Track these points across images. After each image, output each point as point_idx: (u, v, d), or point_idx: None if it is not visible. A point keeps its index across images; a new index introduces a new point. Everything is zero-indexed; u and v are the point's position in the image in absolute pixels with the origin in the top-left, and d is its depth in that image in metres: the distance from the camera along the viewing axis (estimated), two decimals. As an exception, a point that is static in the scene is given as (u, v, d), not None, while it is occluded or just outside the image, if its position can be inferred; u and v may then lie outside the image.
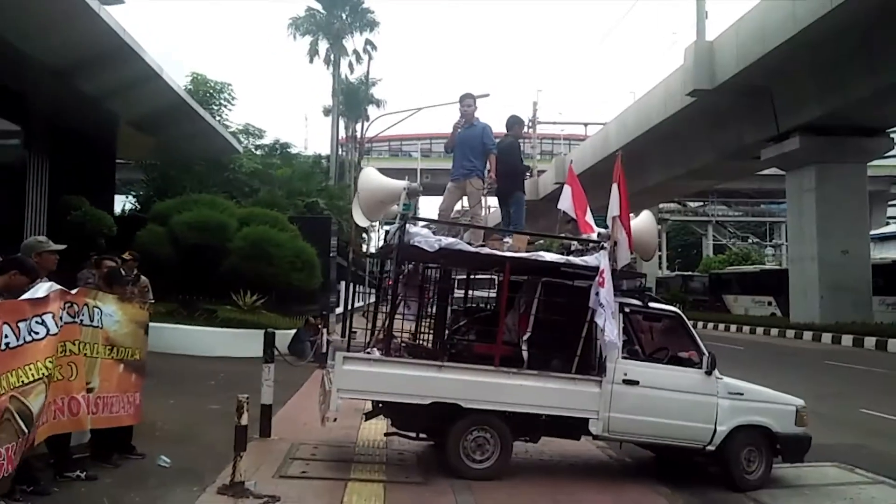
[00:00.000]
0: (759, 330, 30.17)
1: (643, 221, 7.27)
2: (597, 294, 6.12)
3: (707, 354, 6.55)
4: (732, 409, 6.46)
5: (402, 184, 6.25)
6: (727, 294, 41.23)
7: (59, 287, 4.65)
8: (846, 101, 22.26)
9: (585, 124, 59.24)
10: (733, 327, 32.04)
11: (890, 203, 57.80)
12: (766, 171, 40.58)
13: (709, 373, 6.49)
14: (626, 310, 6.61)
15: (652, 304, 6.76)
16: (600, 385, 6.17)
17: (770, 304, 35.61)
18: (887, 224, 50.56)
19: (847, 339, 23.60)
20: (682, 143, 31.26)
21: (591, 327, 6.25)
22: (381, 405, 6.27)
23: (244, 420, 5.18)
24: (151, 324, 11.89)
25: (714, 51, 24.99)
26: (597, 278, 6.16)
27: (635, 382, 6.29)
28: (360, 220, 6.80)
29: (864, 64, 20.69)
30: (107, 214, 13.58)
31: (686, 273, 53.04)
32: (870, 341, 22.74)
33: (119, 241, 12.62)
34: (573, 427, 6.33)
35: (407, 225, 5.95)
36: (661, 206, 51.88)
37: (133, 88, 13.92)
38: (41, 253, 5.29)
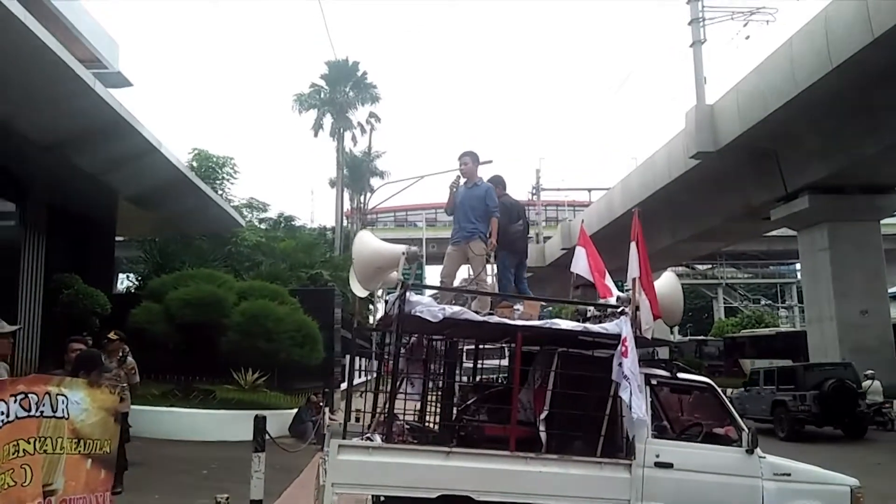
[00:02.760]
0: (780, 395, 29.04)
1: (667, 283, 6.70)
2: (619, 365, 5.52)
3: (747, 430, 5.88)
4: (780, 492, 5.73)
5: (399, 248, 5.74)
6: (743, 358, 40.09)
7: (5, 375, 4.09)
8: (851, 160, 22.00)
9: (589, 190, 59.48)
10: (753, 393, 30.84)
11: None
12: (773, 233, 40.25)
13: (750, 451, 5.80)
14: (653, 382, 5.99)
15: (681, 375, 6.13)
16: (630, 469, 5.47)
17: (789, 367, 34.49)
18: (901, 283, 49.63)
19: (875, 403, 22.50)
20: (689, 205, 30.97)
21: (615, 403, 5.61)
22: (382, 500, 5.57)
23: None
24: (143, 407, 11.46)
25: (715, 114, 24.96)
26: (619, 347, 5.57)
27: (669, 465, 5.60)
28: (357, 289, 6.27)
29: (867, 123, 20.51)
30: (100, 293, 13.13)
31: (699, 338, 51.85)
32: (899, 404, 21.67)
33: (115, 321, 12.14)
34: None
35: (407, 293, 5.42)
36: (669, 269, 51.33)
37: (131, 164, 13.77)
38: None
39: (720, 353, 43.41)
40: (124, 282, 27.37)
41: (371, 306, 26.91)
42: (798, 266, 60.55)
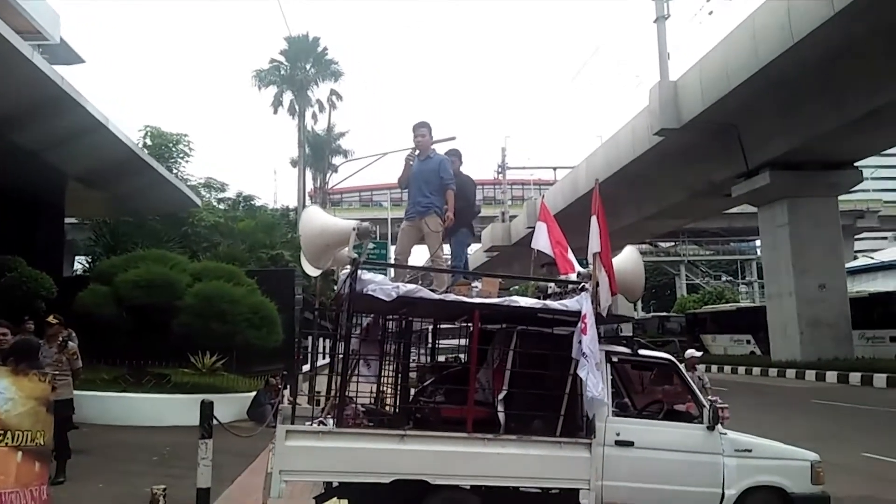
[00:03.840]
0: (741, 369, 29.60)
1: (628, 258, 6.53)
2: (579, 342, 5.35)
3: (707, 406, 5.78)
4: (741, 468, 5.66)
5: (350, 223, 5.43)
6: (705, 334, 40.80)
7: None
8: (812, 135, 22.24)
9: (554, 168, 59.40)
10: (714, 367, 31.37)
11: (857, 237, 58.42)
12: (734, 210, 40.80)
13: (711, 428, 5.71)
14: (614, 359, 5.84)
15: (642, 352, 5.99)
16: (590, 449, 5.31)
17: (749, 342, 35.20)
18: (855, 258, 50.88)
19: (831, 376, 23.04)
20: (652, 182, 31.13)
21: (575, 381, 5.44)
22: (335, 486, 5.33)
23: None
24: (93, 393, 11.00)
25: (678, 90, 24.99)
26: (579, 324, 5.39)
27: (629, 443, 5.48)
28: (308, 268, 5.96)
29: (828, 99, 20.72)
30: (45, 276, 12.55)
31: (662, 314, 52.61)
32: (854, 377, 22.22)
33: (63, 304, 11.62)
34: (561, 500, 5.45)
35: (358, 271, 5.15)
36: (630, 246, 51.73)
37: (77, 141, 13.15)
38: None
39: (682, 328, 44.08)
40: (74, 265, 26.55)
41: (334, 286, 26.53)
42: (757, 243, 61.81)
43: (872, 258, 49.44)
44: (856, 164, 26.09)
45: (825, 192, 25.69)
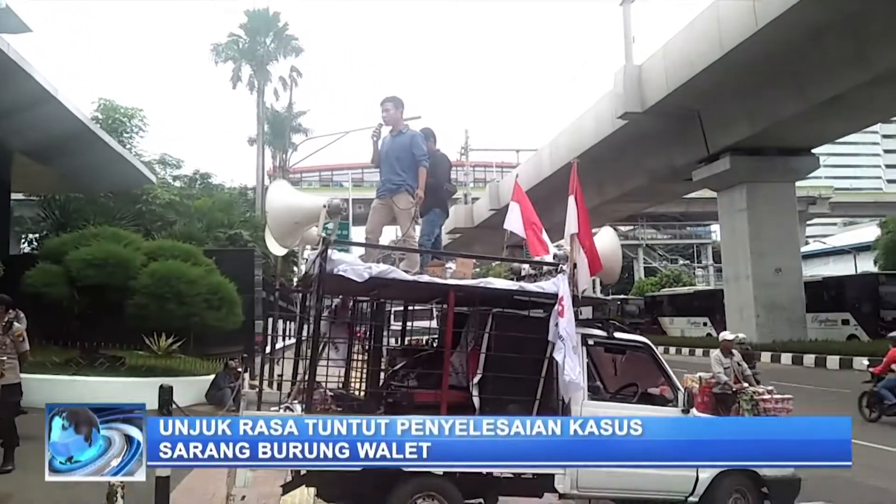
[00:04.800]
0: (699, 351, 30.12)
1: (606, 239, 6.42)
2: (556, 325, 5.21)
3: (682, 390, 5.73)
4: (714, 452, 5.62)
5: (321, 200, 5.15)
6: (662, 316, 41.51)
7: None
8: (773, 121, 22.58)
9: (517, 151, 59.46)
10: (672, 349, 31.92)
11: (809, 223, 60.05)
12: (692, 195, 41.39)
13: (686, 411, 5.66)
14: (589, 342, 5.73)
15: (618, 335, 5.89)
16: (566, 433, 5.19)
17: (705, 324, 35.89)
18: (807, 243, 52.31)
19: (786, 358, 23.61)
20: (615, 166, 31.28)
21: (551, 365, 5.31)
22: (302, 473, 5.12)
23: (119, 510, 3.96)
24: (43, 376, 10.51)
25: (643, 74, 25.06)
26: (556, 307, 5.25)
27: (606, 428, 5.37)
28: (274, 247, 5.69)
29: (791, 84, 21.01)
30: (-10, 253, 11.94)
31: (621, 296, 53.39)
32: (808, 359, 22.84)
33: (10, 284, 11.05)
34: (536, 485, 5.34)
35: (329, 251, 4.90)
36: (593, 230, 52.23)
37: (23, 112, 12.49)
38: None
39: (640, 311, 44.79)
40: (29, 243, 25.52)
41: (295, 267, 26.09)
42: (714, 227, 63.09)
43: (824, 243, 50.91)
44: (813, 150, 26.63)
45: (783, 177, 26.17)
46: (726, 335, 10.15)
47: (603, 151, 29.68)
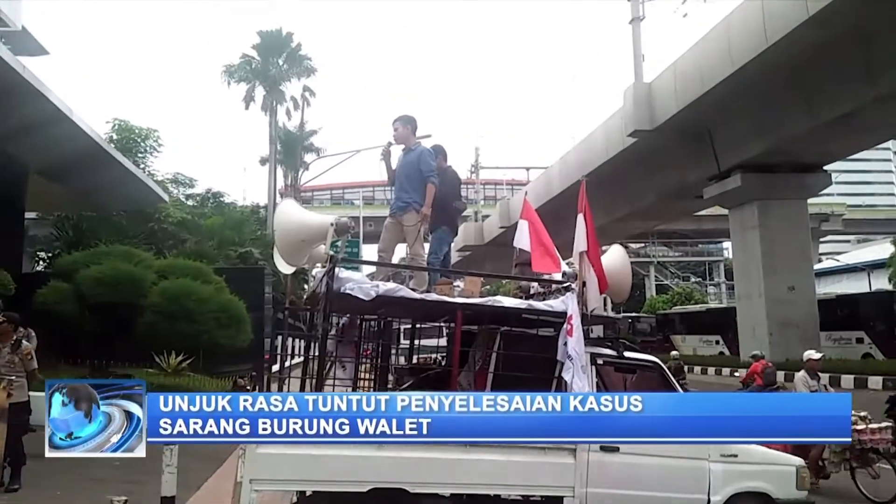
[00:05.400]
0: (711, 370, 29.85)
1: (616, 257, 6.38)
2: (564, 344, 5.17)
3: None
4: (726, 474, 5.53)
5: (328, 218, 5.17)
6: (674, 334, 41.14)
7: None
8: (784, 138, 22.44)
9: (527, 168, 59.42)
10: (685, 367, 31.56)
11: (822, 240, 59.59)
12: (703, 212, 41.20)
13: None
14: (599, 362, 5.67)
15: (628, 354, 5.83)
16: (574, 454, 5.14)
17: (718, 342, 35.55)
18: (820, 261, 51.86)
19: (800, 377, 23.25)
20: (625, 184, 31.18)
21: (560, 384, 5.26)
22: (308, 495, 5.07)
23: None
24: (52, 394, 10.54)
25: (653, 92, 25.05)
26: (564, 326, 5.21)
27: (615, 449, 5.30)
28: (281, 265, 5.70)
29: (801, 101, 20.91)
30: (3, 272, 12.06)
31: (632, 314, 53.07)
32: (823, 378, 22.45)
33: (22, 303, 11.15)
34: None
35: (336, 269, 4.89)
36: (603, 248, 52.09)
37: (40, 133, 12.69)
38: None
39: (652, 329, 44.45)
40: (42, 262, 25.74)
41: (305, 285, 26.13)
42: (726, 245, 62.71)
43: (838, 260, 50.46)
44: (825, 167, 26.45)
45: (795, 194, 25.93)
46: (811, 354, 8.84)
47: (613, 169, 29.63)
